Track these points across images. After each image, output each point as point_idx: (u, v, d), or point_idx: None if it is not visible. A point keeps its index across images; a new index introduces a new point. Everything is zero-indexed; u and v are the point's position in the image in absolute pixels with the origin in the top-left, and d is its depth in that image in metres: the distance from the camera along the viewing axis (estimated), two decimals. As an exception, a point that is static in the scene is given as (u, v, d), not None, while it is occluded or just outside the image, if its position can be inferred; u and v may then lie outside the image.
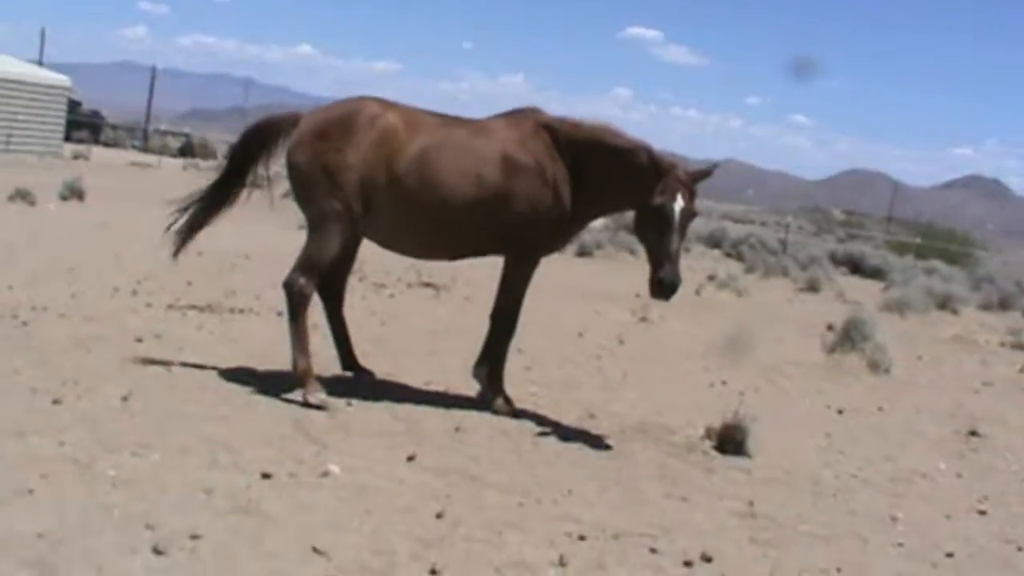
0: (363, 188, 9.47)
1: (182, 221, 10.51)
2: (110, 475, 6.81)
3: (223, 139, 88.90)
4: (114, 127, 76.71)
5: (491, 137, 9.84)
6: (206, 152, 71.06)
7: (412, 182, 9.48)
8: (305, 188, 9.71)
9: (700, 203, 9.46)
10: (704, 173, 9.46)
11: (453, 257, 10.69)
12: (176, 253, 10.54)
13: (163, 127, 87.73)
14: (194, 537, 5.96)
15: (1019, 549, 7.92)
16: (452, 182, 9.55)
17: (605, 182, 9.57)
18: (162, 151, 64.73)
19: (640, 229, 9.41)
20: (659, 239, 9.08)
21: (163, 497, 6.55)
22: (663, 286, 9.08)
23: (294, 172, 9.78)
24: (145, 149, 68.92)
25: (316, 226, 9.70)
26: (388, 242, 10.12)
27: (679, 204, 9.00)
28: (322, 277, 9.86)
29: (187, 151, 68.59)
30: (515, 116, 10.12)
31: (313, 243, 9.69)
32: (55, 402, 8.19)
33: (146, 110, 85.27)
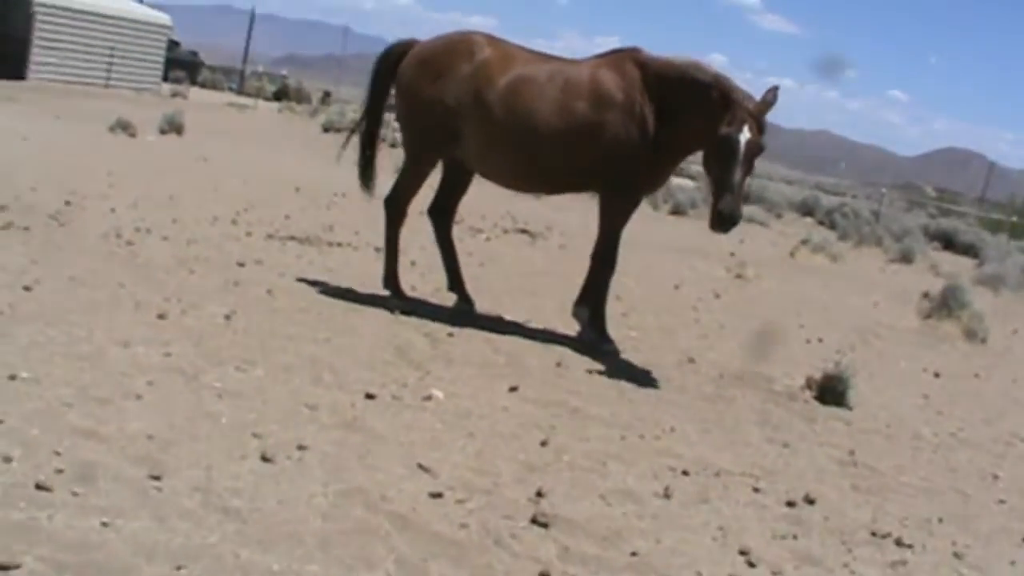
0: (455, 116, 9.91)
1: (358, 158, 11.02)
2: (216, 386, 6.85)
3: (318, 86, 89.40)
4: (212, 69, 77.15)
5: (581, 72, 9.92)
6: (300, 96, 71.24)
7: (500, 111, 9.76)
8: (404, 111, 10.50)
9: (788, 172, 9.24)
10: (767, 103, 9.07)
11: (549, 191, 11.28)
12: (367, 189, 11.01)
13: (259, 70, 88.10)
14: (301, 447, 5.98)
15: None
16: (539, 113, 9.72)
17: (689, 117, 9.33)
18: (258, 94, 64.99)
19: (707, 162, 9.16)
20: (723, 171, 8.83)
21: (268, 410, 6.58)
22: (722, 217, 8.78)
23: (398, 95, 10.49)
24: (241, 92, 69.31)
25: (408, 149, 10.56)
26: (485, 171, 10.41)
27: (744, 135, 8.74)
28: (433, 201, 10.77)
29: (282, 94, 68.79)
30: (611, 55, 10.15)
31: (406, 166, 10.60)
32: (160, 316, 8.23)
33: (243, 53, 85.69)
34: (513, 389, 7.99)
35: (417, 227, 11.35)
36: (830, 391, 9.39)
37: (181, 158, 20.75)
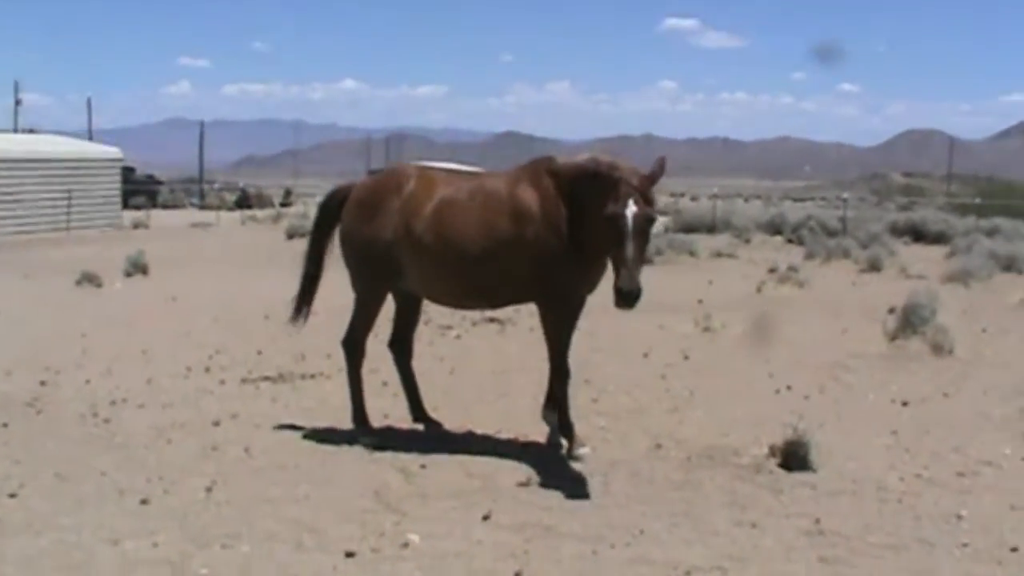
0: (394, 250, 10.34)
1: (296, 294, 11.70)
2: (203, 573, 7.16)
3: (278, 183, 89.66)
4: (171, 189, 77.82)
5: (500, 188, 10.26)
6: (262, 201, 72.06)
7: (431, 239, 10.19)
8: (347, 253, 10.97)
9: (757, 184, 9.42)
10: (655, 174, 9.35)
11: (493, 307, 11.99)
12: (296, 320, 11.84)
13: (217, 183, 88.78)
14: (289, 630, 6.29)
15: (1085, 534, 8.07)
16: (465, 234, 10.09)
17: (597, 211, 9.22)
18: (220, 205, 65.67)
19: (603, 243, 9.20)
20: (616, 248, 8.90)
21: (255, 592, 6.89)
22: (621, 294, 8.76)
23: (340, 240, 10.99)
24: (204, 206, 69.98)
25: (357, 289, 10.95)
26: (432, 297, 10.98)
27: (630, 210, 8.90)
28: (391, 334, 11.24)
29: (243, 203, 69.55)
30: (527, 167, 10.45)
31: (357, 306, 11.03)
32: (143, 502, 8.55)
33: (199, 165, 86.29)
34: (486, 517, 8.26)
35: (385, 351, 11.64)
36: (793, 456, 9.61)
37: (150, 303, 21.10)
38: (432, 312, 17.97)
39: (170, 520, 8.16)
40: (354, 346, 10.99)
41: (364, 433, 10.67)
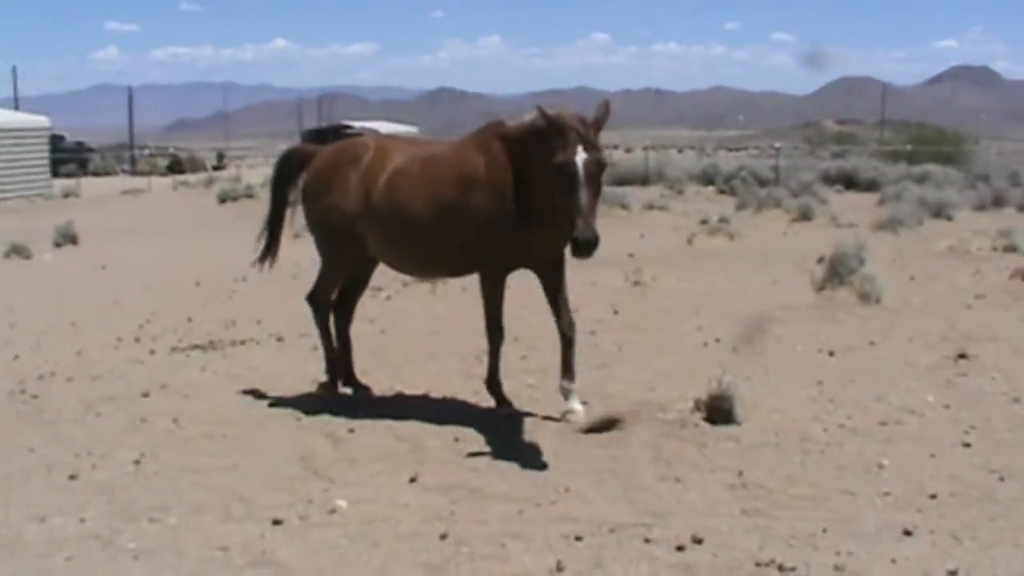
0: (354, 221, 10.39)
1: (260, 248, 11.71)
2: (130, 548, 7.18)
3: (212, 146, 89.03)
4: (102, 156, 77.08)
5: (449, 156, 10.28)
6: (194, 165, 71.67)
7: (386, 209, 10.21)
8: (311, 222, 11.07)
9: (691, 135, 9.17)
10: (600, 119, 9.11)
11: (449, 275, 11.56)
12: (260, 265, 11.75)
13: (149, 149, 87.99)
14: (215, 600, 6.33)
15: (1001, 479, 8.20)
16: (415, 204, 10.10)
17: (544, 165, 8.97)
18: (152, 171, 65.17)
19: (553, 195, 8.86)
20: (568, 198, 8.61)
21: (183, 564, 6.92)
22: (577, 244, 8.47)
23: (303, 207, 11.12)
24: (135, 172, 69.40)
25: (322, 255, 11.05)
26: (390, 264, 11.05)
27: (580, 156, 8.67)
28: (336, 297, 11.24)
29: (175, 168, 69.13)
30: (479, 133, 10.36)
31: (323, 268, 11.11)
32: (71, 477, 8.56)
33: (129, 131, 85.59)
34: (413, 480, 8.35)
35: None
36: (718, 410, 9.72)
37: (79, 273, 21.03)
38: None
39: (98, 495, 8.18)
40: (318, 305, 11.11)
41: (345, 384, 11.16)
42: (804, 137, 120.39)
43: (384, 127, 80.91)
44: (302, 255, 13.62)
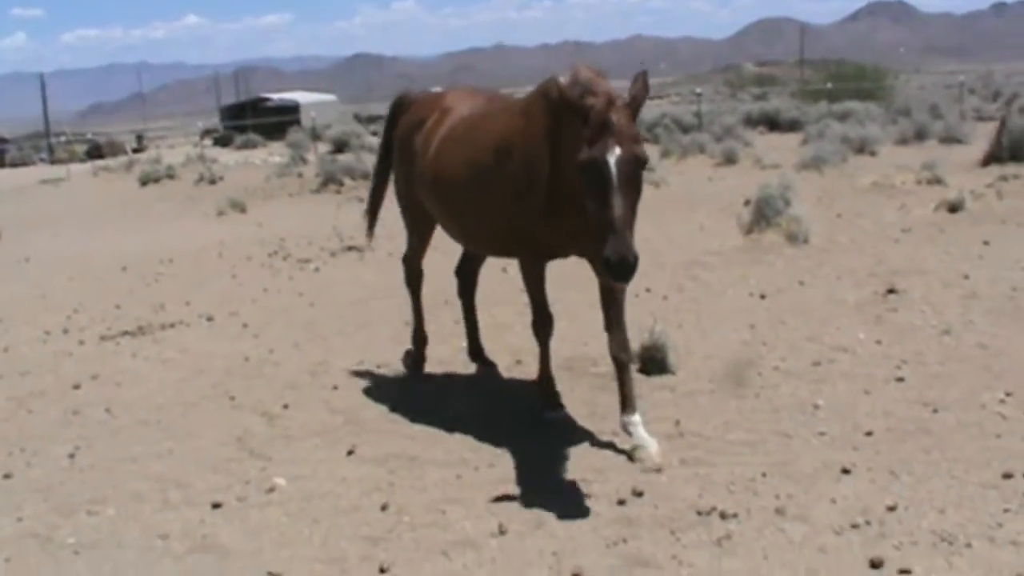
0: (411, 187, 9.90)
1: (366, 206, 11.32)
2: (70, 543, 7.13)
3: (130, 129, 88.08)
4: (19, 146, 76.28)
5: (497, 119, 8.84)
6: (114, 149, 70.94)
7: (430, 177, 9.39)
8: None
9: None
10: (637, 98, 7.16)
11: (502, 254, 9.79)
12: (369, 232, 11.45)
13: (65, 136, 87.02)
14: (158, 588, 6.29)
15: (935, 411, 8.29)
16: (455, 173, 8.97)
17: (567, 152, 7.48)
18: (70, 159, 64.45)
19: (581, 195, 7.05)
20: (599, 205, 6.75)
21: (123, 555, 6.88)
22: (611, 266, 6.60)
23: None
24: (53, 161, 68.65)
25: (403, 216, 10.53)
26: (453, 236, 9.79)
27: (613, 154, 6.75)
28: (458, 264, 10.77)
29: (94, 153, 68.41)
30: (535, 89, 8.46)
31: (407, 230, 10.59)
32: (6, 476, 8.49)
33: (44, 119, 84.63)
34: (351, 453, 8.34)
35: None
36: (651, 360, 9.78)
37: (1, 268, 20.75)
38: (291, 247, 18.03)
39: (34, 492, 8.11)
40: (407, 269, 10.75)
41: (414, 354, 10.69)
42: (725, 81, 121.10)
43: (302, 97, 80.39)
44: (226, 232, 13.51)
